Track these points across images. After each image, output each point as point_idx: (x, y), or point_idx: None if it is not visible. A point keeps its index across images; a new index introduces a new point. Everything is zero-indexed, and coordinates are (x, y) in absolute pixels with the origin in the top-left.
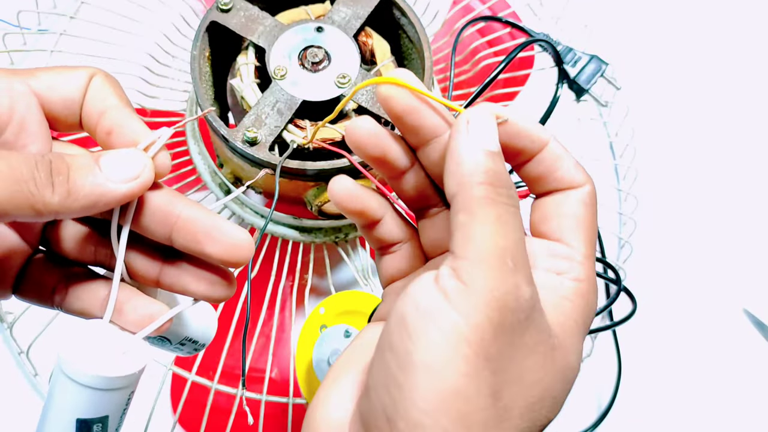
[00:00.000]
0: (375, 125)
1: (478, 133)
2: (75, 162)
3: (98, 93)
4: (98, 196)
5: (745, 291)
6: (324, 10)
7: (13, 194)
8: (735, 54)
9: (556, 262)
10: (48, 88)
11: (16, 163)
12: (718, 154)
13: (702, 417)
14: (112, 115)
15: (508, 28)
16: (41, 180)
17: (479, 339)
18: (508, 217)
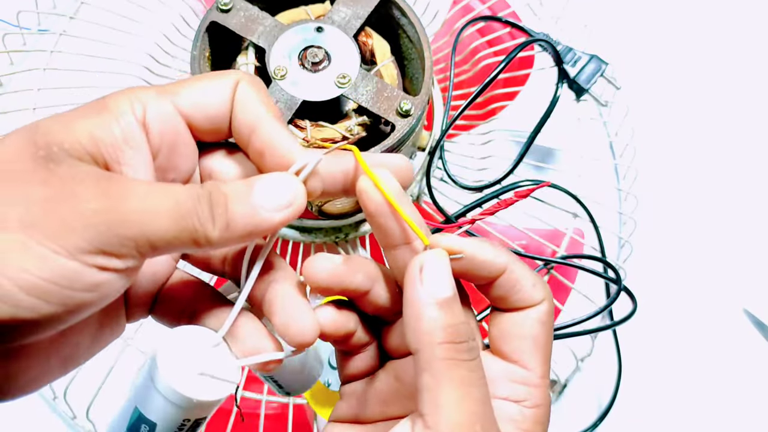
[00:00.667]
0: (331, 264)
1: (432, 282)
2: (231, 192)
3: (246, 105)
4: (254, 226)
5: (745, 291)
6: (324, 10)
7: (180, 231)
8: (735, 54)
9: (515, 387)
10: (193, 106)
11: (183, 198)
12: (718, 153)
13: (702, 417)
14: (264, 132)
15: (507, 27)
16: (204, 215)
17: None
18: (472, 376)
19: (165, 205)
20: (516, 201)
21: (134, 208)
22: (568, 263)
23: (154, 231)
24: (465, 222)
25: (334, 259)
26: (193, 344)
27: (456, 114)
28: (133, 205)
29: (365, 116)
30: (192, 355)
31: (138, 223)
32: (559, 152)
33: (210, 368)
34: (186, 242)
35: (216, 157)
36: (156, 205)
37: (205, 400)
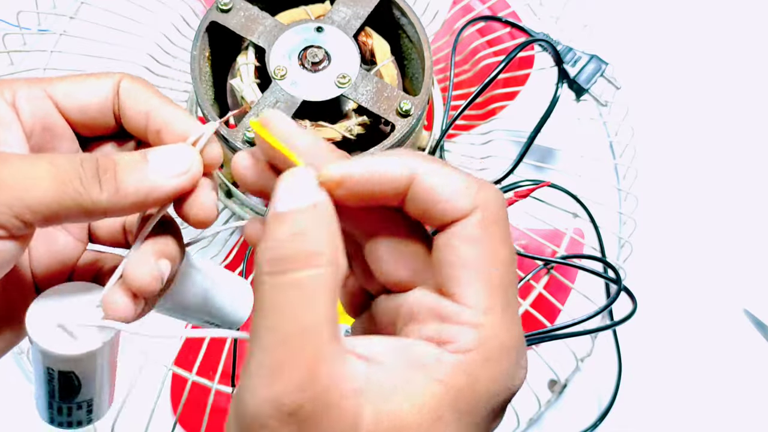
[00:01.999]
0: (252, 160)
1: (275, 197)
2: (122, 159)
3: (136, 96)
4: (148, 192)
5: (745, 291)
6: (324, 10)
7: (61, 195)
8: (735, 54)
9: (441, 327)
10: (64, 95)
11: (61, 162)
12: (719, 153)
13: (702, 417)
14: (159, 114)
15: (507, 27)
16: (87, 178)
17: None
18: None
19: (42, 169)
20: (516, 201)
21: (7, 175)
22: (568, 263)
23: (33, 196)
24: None
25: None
26: (71, 299)
27: (456, 114)
28: (5, 172)
29: (365, 116)
30: (62, 309)
31: (12, 188)
32: (559, 152)
33: (72, 323)
34: (72, 209)
35: (104, 149)
36: (31, 171)
37: (54, 351)
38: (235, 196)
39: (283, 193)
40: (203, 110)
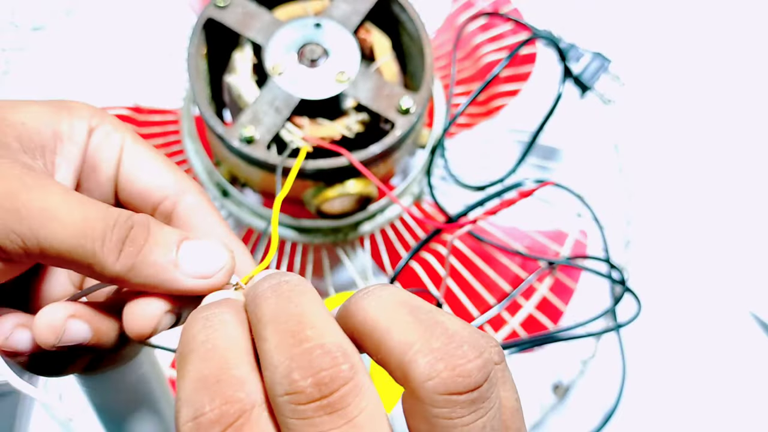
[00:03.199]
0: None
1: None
2: (156, 236)
3: (197, 214)
4: (161, 282)
5: (752, 293)
6: (322, 6)
7: (76, 247)
8: (739, 52)
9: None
10: (129, 172)
11: (93, 215)
12: (724, 153)
13: (708, 420)
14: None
15: (510, 24)
16: (110, 243)
17: None
18: None
19: (72, 215)
20: (519, 200)
21: (37, 202)
22: (571, 264)
23: (49, 235)
24: (467, 222)
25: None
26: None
27: (457, 111)
28: (36, 199)
29: (365, 114)
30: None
31: (34, 217)
32: (562, 151)
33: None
34: (81, 263)
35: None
36: (61, 211)
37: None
38: (232, 196)
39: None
40: (200, 108)
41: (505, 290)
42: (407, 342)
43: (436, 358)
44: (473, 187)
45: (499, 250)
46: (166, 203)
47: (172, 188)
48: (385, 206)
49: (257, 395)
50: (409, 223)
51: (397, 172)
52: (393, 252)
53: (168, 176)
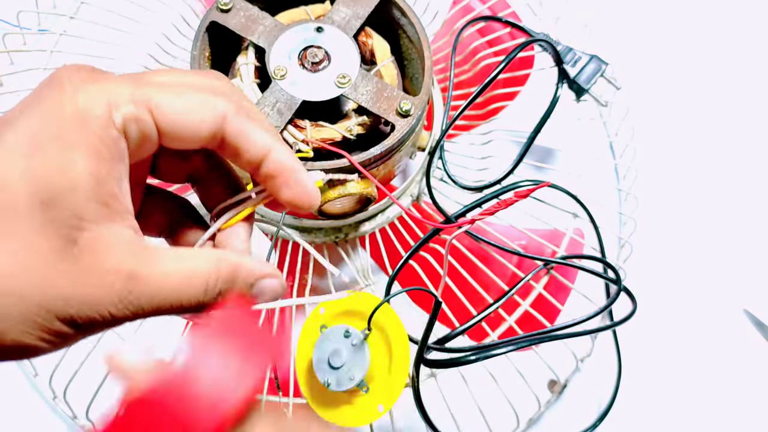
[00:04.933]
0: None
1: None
2: (237, 285)
3: (251, 136)
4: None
5: (745, 291)
6: (324, 10)
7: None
8: (735, 54)
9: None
10: (167, 112)
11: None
12: (718, 153)
13: (702, 417)
14: (274, 159)
15: (508, 27)
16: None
17: None
18: None
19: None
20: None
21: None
22: (567, 263)
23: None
24: (465, 222)
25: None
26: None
27: (456, 114)
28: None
29: (365, 116)
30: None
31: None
32: (559, 152)
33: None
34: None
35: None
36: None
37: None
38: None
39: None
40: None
41: (503, 289)
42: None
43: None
44: (471, 188)
45: (497, 250)
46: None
47: (213, 121)
48: (385, 207)
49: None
50: (409, 224)
51: (397, 174)
52: (393, 251)
53: (204, 110)
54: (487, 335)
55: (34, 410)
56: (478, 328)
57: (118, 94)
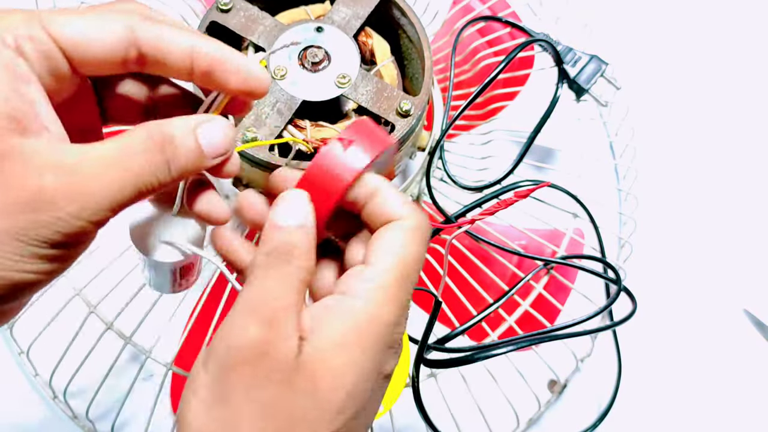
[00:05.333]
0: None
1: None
2: (179, 141)
3: (166, 37)
4: (195, 169)
5: (745, 291)
6: (324, 10)
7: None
8: (735, 54)
9: (349, 282)
10: (70, 37)
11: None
12: (718, 153)
13: (702, 417)
14: (205, 54)
15: (508, 27)
16: (159, 165)
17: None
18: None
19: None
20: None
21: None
22: (567, 263)
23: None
24: (465, 222)
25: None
26: (161, 219)
27: (456, 114)
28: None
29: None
30: (160, 228)
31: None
32: (559, 152)
33: (173, 241)
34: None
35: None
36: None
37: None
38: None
39: (281, 210)
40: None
41: (503, 289)
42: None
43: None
44: (471, 188)
45: (497, 250)
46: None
47: (120, 36)
48: None
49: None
50: None
51: (397, 174)
52: None
53: (106, 27)
54: (487, 335)
55: (34, 410)
56: (478, 328)
57: (10, 20)
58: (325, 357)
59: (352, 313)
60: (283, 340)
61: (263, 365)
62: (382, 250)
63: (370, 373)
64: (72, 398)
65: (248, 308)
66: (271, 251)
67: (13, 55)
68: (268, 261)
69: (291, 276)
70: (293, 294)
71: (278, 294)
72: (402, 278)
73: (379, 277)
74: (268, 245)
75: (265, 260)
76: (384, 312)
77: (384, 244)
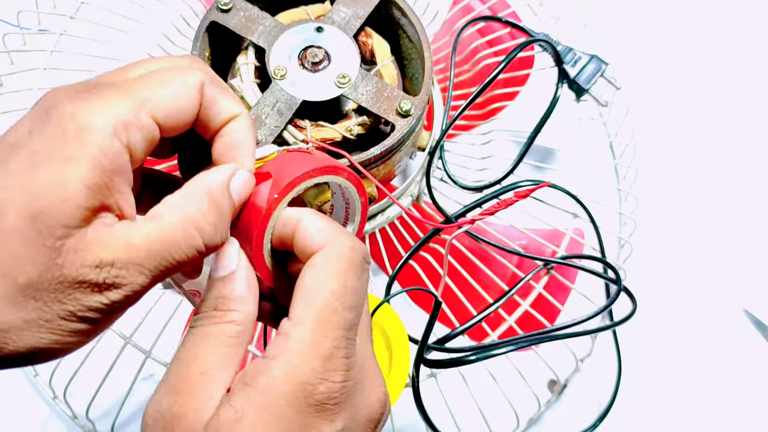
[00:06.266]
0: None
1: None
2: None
3: (221, 100)
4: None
5: (745, 291)
6: (324, 10)
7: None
8: (735, 54)
9: (272, 341)
10: (166, 117)
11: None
12: (718, 153)
13: (702, 417)
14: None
15: (508, 28)
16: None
17: None
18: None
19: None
20: (516, 201)
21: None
22: (567, 263)
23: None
24: (465, 222)
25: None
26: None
27: (456, 114)
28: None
29: (365, 116)
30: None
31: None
32: (559, 152)
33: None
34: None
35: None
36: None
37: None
38: None
39: (216, 263)
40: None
41: (503, 289)
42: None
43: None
44: (471, 188)
45: (497, 250)
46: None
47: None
48: (385, 207)
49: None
50: (409, 224)
51: (397, 174)
52: (393, 251)
53: (187, 107)
54: (487, 335)
55: (34, 410)
56: (478, 328)
57: (118, 107)
58: (230, 428)
59: (266, 378)
60: (193, 411)
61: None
62: (298, 298)
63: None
64: (72, 398)
65: (165, 377)
66: (199, 311)
67: (120, 150)
68: (194, 322)
69: (213, 335)
70: (213, 355)
71: (196, 358)
72: (322, 324)
73: (294, 329)
74: (200, 306)
75: (192, 321)
76: (298, 371)
77: (301, 289)
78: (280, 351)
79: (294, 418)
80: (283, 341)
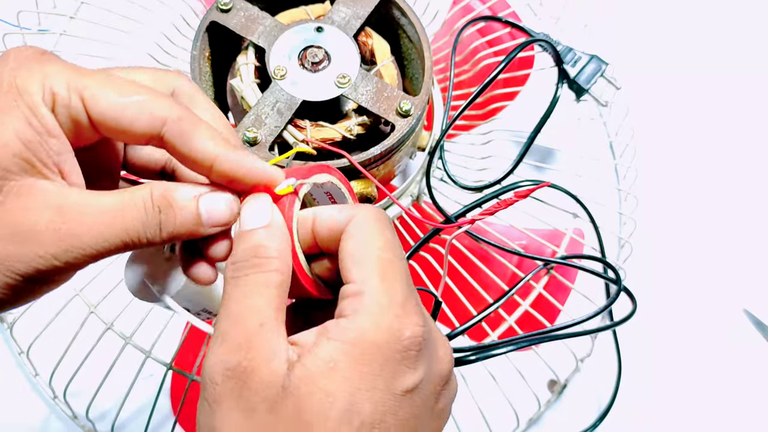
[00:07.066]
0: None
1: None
2: (178, 205)
3: (194, 135)
4: (189, 234)
5: (745, 291)
6: (324, 10)
7: (121, 242)
8: (735, 54)
9: (341, 304)
10: (102, 112)
11: (122, 207)
12: (718, 153)
13: (702, 417)
14: (227, 164)
15: (508, 27)
16: (151, 229)
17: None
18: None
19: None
20: (516, 201)
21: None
22: (567, 263)
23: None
24: (465, 222)
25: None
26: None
27: (456, 114)
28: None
29: (365, 116)
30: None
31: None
32: (559, 152)
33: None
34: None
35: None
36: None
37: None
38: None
39: (245, 215)
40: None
41: (503, 289)
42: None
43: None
44: (471, 188)
45: (497, 250)
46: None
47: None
48: (385, 207)
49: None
50: (409, 224)
51: (397, 174)
52: None
53: (142, 108)
54: (487, 335)
55: (34, 410)
56: (478, 328)
57: (55, 78)
58: (314, 380)
59: (354, 329)
60: (265, 363)
61: (246, 395)
62: (349, 265)
63: (371, 392)
64: (72, 398)
65: (221, 333)
66: (238, 259)
67: (47, 114)
68: (235, 272)
69: (262, 285)
70: (268, 307)
71: (251, 310)
72: (386, 276)
73: (364, 286)
74: (236, 253)
75: (233, 271)
76: (384, 319)
77: (348, 256)
78: (357, 307)
79: (384, 366)
80: (356, 300)
